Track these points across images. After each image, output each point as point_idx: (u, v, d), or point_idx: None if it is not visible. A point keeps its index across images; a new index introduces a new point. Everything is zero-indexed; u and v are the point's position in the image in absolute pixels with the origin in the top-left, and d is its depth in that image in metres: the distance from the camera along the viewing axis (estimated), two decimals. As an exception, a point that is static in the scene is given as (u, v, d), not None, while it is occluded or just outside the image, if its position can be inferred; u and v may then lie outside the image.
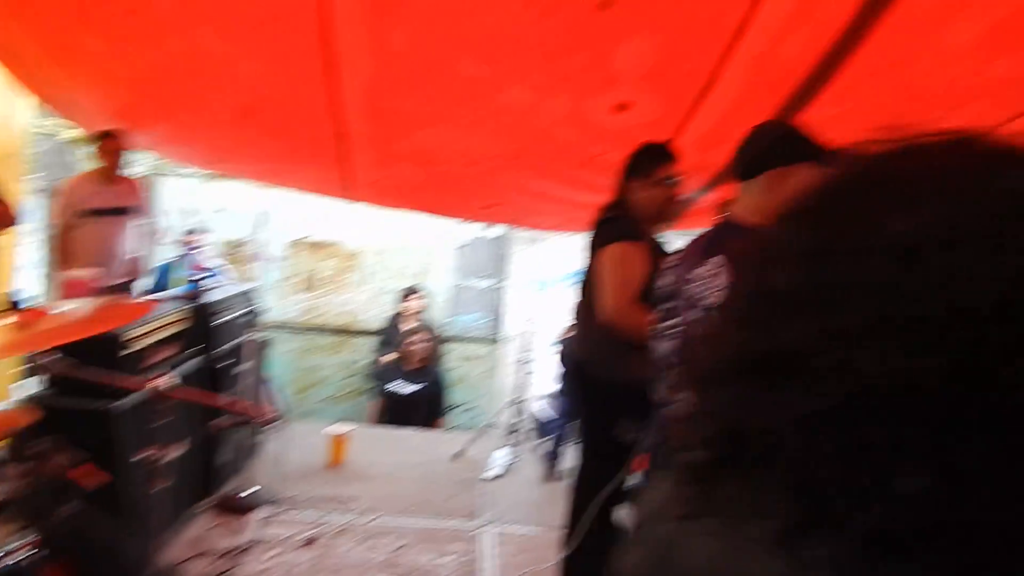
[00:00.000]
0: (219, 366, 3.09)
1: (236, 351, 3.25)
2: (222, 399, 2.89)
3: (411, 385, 5.33)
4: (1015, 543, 0.36)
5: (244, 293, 3.50)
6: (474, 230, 6.13)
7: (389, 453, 4.20)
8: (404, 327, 5.51)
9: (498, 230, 6.01)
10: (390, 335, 5.59)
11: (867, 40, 2.00)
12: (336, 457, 3.88)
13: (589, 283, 2.22)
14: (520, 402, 4.34)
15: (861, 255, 0.39)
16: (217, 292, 3.26)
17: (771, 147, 1.57)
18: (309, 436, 3.94)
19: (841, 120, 2.28)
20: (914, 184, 0.40)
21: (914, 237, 0.37)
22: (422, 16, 2.13)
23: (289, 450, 3.51)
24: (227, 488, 3.19)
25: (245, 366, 3.30)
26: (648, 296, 1.81)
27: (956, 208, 0.38)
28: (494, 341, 6.32)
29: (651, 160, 2.18)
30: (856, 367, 0.37)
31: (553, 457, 3.93)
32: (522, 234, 5.79)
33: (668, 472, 0.47)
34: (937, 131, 0.43)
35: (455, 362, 6.20)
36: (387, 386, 5.36)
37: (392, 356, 5.41)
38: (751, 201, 1.58)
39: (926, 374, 0.36)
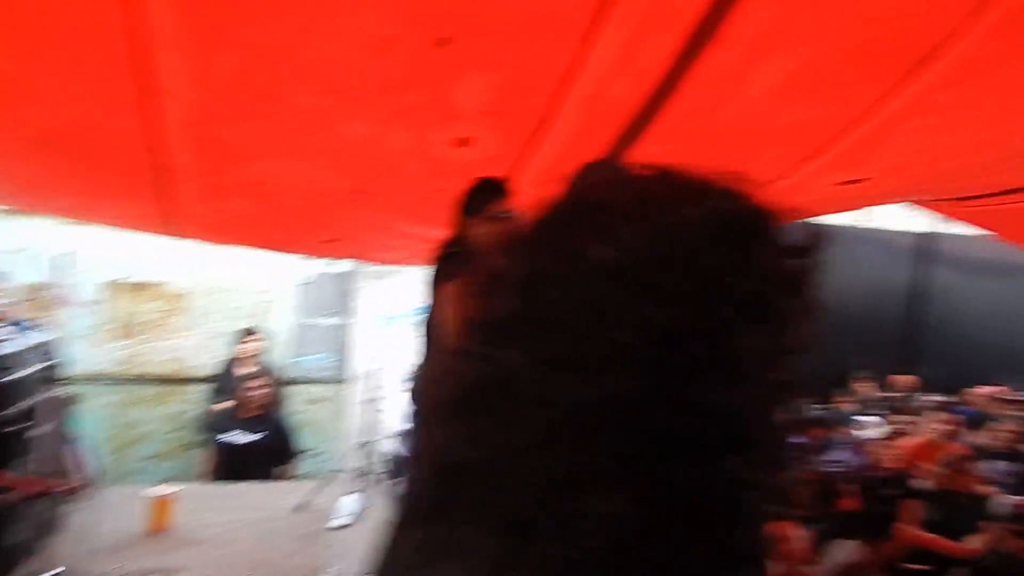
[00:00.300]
0: (8, 431, 2.68)
1: (30, 412, 2.84)
2: (9, 471, 2.50)
3: (249, 434, 4.94)
4: (708, 561, 0.37)
5: (42, 344, 3.08)
6: (317, 266, 5.89)
7: (223, 512, 3.84)
8: (240, 372, 5.13)
9: (343, 265, 5.83)
10: (224, 381, 5.17)
11: (682, 86, 2.18)
12: (159, 522, 3.47)
13: (431, 320, 2.20)
14: (370, 444, 4.18)
15: (568, 281, 0.39)
16: (5, 345, 2.84)
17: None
18: (127, 501, 3.51)
19: (665, 159, 2.47)
20: (617, 212, 0.41)
21: (614, 263, 0.39)
22: (250, 42, 2.02)
23: (102, 520, 3.10)
24: (22, 572, 2.74)
25: (43, 428, 2.89)
26: None
27: (654, 234, 0.40)
28: (341, 381, 6.07)
29: (484, 196, 2.22)
30: (560, 394, 0.38)
31: (406, 498, 3.81)
32: (369, 269, 5.66)
33: (403, 514, 0.46)
34: (645, 163, 0.46)
35: (299, 406, 5.86)
36: (221, 437, 4.94)
37: (226, 404, 5.00)
38: None
39: (623, 398, 0.37)
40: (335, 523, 3.65)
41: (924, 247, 8.17)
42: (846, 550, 3.39)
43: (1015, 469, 4.70)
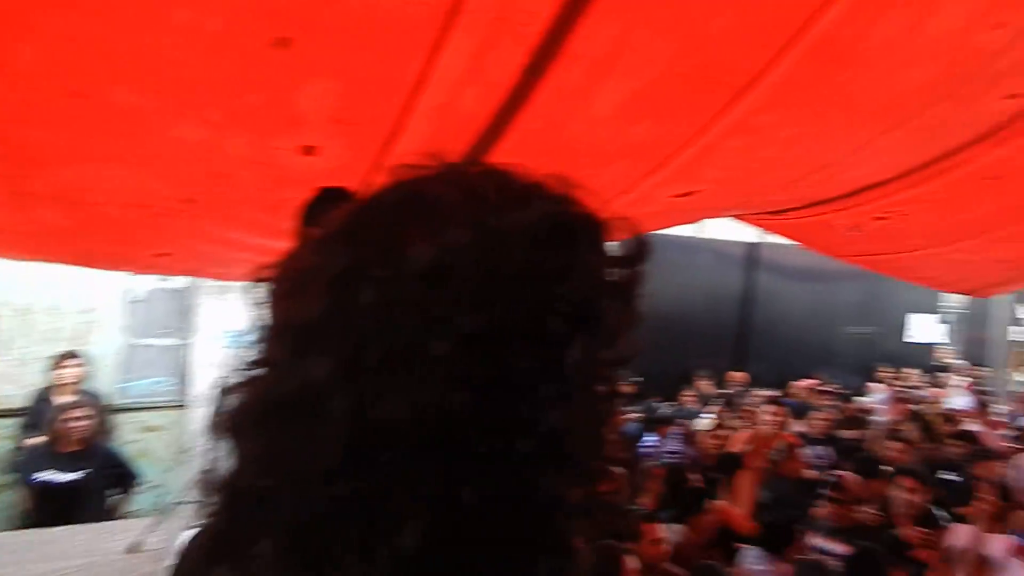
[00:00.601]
0: None
1: None
2: None
3: (69, 472, 4.41)
4: None
5: None
6: (150, 282, 5.40)
7: (40, 561, 3.39)
8: (57, 401, 4.57)
9: (181, 281, 5.38)
10: (38, 413, 4.58)
11: (531, 101, 2.22)
12: (-45, 581, 3.00)
13: None
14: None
15: (385, 282, 0.36)
16: None
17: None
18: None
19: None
20: (442, 209, 0.39)
21: (436, 264, 0.36)
22: (56, 31, 1.80)
23: None
24: None
25: None
26: None
27: (480, 236, 0.37)
28: (182, 406, 5.59)
29: (327, 207, 2.12)
30: (370, 408, 0.34)
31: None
32: (211, 284, 5.27)
33: (197, 548, 0.40)
34: (472, 160, 0.44)
35: (133, 435, 5.33)
36: (36, 476, 4.36)
37: (41, 438, 4.43)
38: None
39: (439, 414, 0.34)
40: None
41: (752, 255, 8.97)
42: (675, 532, 3.59)
43: (832, 452, 5.25)
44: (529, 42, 1.99)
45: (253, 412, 0.38)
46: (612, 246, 0.41)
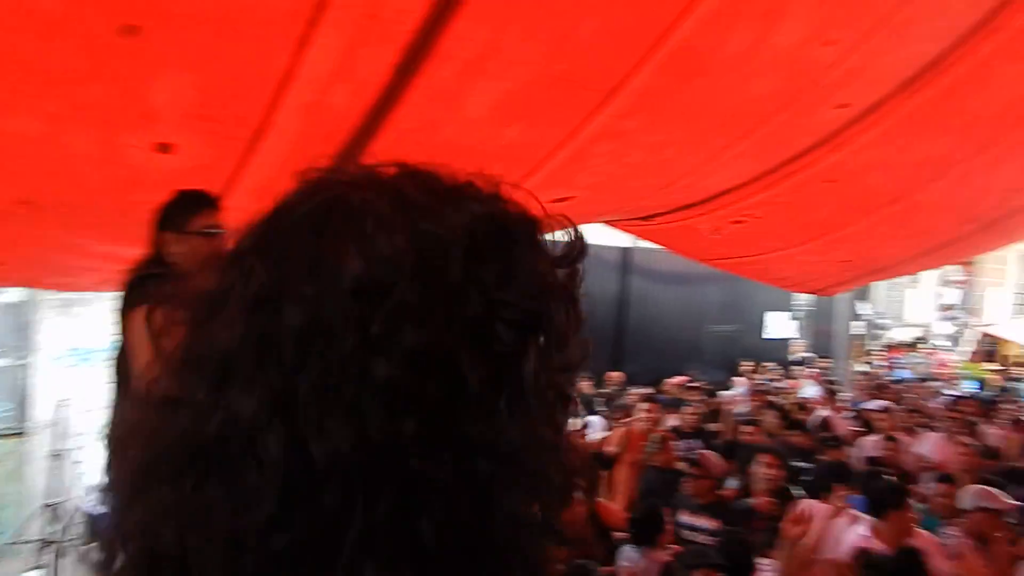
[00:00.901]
0: None
1: None
2: None
3: None
4: None
5: None
6: (-20, 296, 4.83)
7: None
8: None
9: (17, 293, 4.85)
10: None
11: (404, 101, 2.20)
12: None
13: (123, 356, 1.90)
14: (58, 506, 3.51)
15: (316, 298, 0.32)
16: None
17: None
18: None
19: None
20: (370, 217, 0.35)
21: (369, 277, 0.32)
22: None
23: None
24: None
25: None
26: None
27: (415, 243, 0.34)
28: (19, 433, 5.03)
29: (186, 209, 1.96)
30: (304, 446, 0.30)
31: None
32: (52, 296, 4.78)
33: None
34: (387, 162, 0.40)
35: (-40, 469, 4.73)
36: None
37: None
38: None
39: (387, 444, 0.30)
40: (13, 608, 2.99)
41: (627, 260, 9.39)
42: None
43: (701, 444, 5.57)
44: (400, 40, 1.97)
45: (166, 460, 0.32)
46: (550, 244, 0.40)
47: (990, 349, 13.21)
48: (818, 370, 8.89)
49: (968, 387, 9.60)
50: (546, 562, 0.37)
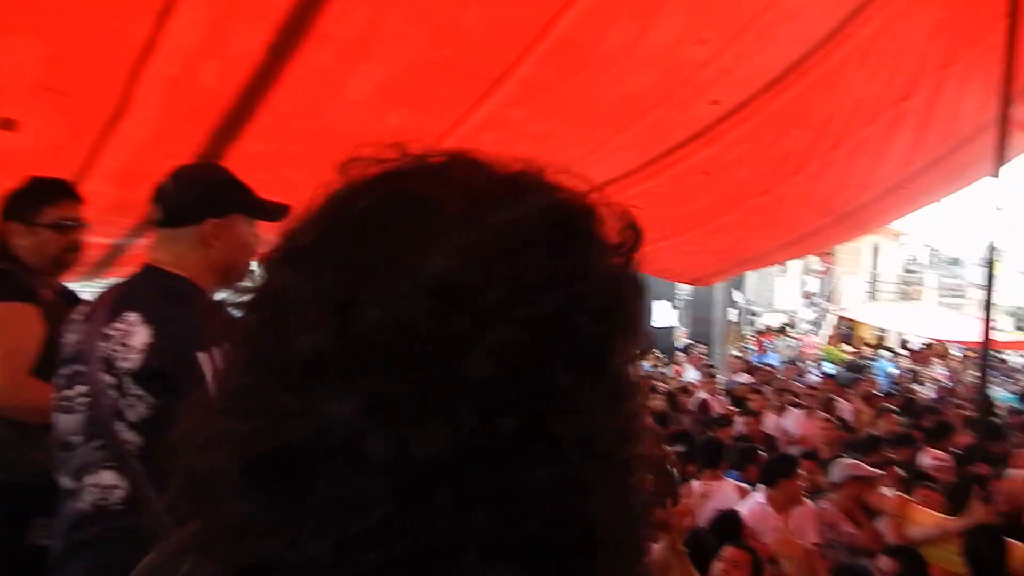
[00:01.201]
0: None
1: None
2: None
3: None
4: None
5: None
6: None
7: None
8: None
9: None
10: None
11: (279, 84, 2.11)
12: None
13: None
14: None
15: (399, 299, 0.31)
16: None
17: (203, 194, 1.44)
18: None
19: (269, 157, 2.35)
20: (444, 211, 0.33)
21: (451, 271, 0.31)
22: None
23: None
24: None
25: None
26: (50, 365, 1.46)
27: (492, 238, 0.33)
28: None
29: (36, 199, 1.75)
30: (414, 443, 0.29)
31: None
32: None
33: None
34: (436, 149, 0.38)
35: None
36: None
37: None
38: (180, 251, 1.41)
39: (497, 437, 0.30)
40: None
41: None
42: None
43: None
44: (274, 15, 1.88)
45: (252, 468, 0.30)
46: (608, 234, 0.39)
47: (847, 332, 14.51)
48: (696, 355, 9.40)
49: (828, 367, 10.48)
50: (646, 553, 0.37)
